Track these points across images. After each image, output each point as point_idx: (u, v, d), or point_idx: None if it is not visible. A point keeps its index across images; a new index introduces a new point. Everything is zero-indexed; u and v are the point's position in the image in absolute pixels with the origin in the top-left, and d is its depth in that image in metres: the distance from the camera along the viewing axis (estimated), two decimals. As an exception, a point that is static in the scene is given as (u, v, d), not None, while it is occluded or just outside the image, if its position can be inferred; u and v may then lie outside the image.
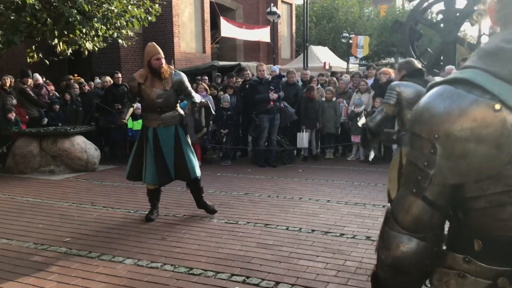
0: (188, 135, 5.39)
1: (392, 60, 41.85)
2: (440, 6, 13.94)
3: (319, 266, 3.88)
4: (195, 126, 5.92)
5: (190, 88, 5.36)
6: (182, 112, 5.37)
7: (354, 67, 26.21)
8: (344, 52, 29.49)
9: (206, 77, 12.07)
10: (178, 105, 5.37)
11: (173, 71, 5.20)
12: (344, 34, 27.46)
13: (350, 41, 26.51)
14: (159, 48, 5.08)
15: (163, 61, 5.04)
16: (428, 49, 16.53)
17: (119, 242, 4.60)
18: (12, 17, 8.48)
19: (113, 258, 4.17)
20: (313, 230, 4.84)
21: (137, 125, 9.25)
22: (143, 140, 5.19)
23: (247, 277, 3.67)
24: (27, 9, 8.28)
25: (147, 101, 5.20)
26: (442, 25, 13.98)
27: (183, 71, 14.32)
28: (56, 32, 8.98)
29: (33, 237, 4.80)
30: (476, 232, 1.13)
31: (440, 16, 14.34)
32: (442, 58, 13.56)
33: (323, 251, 4.24)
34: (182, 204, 6.02)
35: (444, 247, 1.22)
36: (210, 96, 9.57)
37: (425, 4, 14.19)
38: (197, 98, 5.45)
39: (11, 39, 8.67)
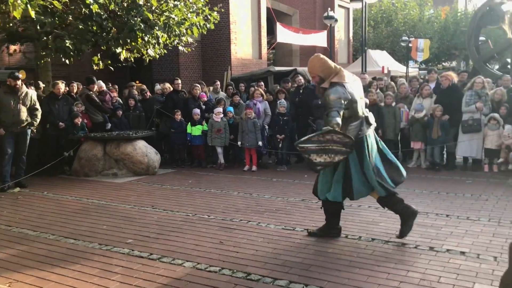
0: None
1: (454, 63, 40.30)
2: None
3: (380, 276, 3.76)
4: None
5: (328, 109, 4.42)
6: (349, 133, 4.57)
7: (413, 71, 25.46)
8: (403, 56, 28.74)
9: (262, 83, 12.13)
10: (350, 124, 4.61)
11: (326, 88, 4.52)
12: (404, 38, 26.76)
13: (410, 45, 25.78)
14: (311, 65, 4.66)
15: (315, 79, 4.68)
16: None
17: (178, 245, 4.69)
18: (80, 26, 8.90)
19: (173, 260, 4.25)
20: (373, 239, 4.71)
21: (196, 130, 9.45)
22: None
23: (306, 285, 3.62)
24: (94, 18, 8.67)
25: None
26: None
27: (239, 77, 14.51)
28: (120, 40, 9.35)
29: (98, 237, 4.98)
30: None
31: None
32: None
33: (384, 260, 4.11)
34: (239, 209, 6.05)
35: None
36: (266, 102, 9.62)
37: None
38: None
39: (80, 48, 9.12)
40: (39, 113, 7.94)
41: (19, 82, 7.61)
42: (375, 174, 4.58)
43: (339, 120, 4.32)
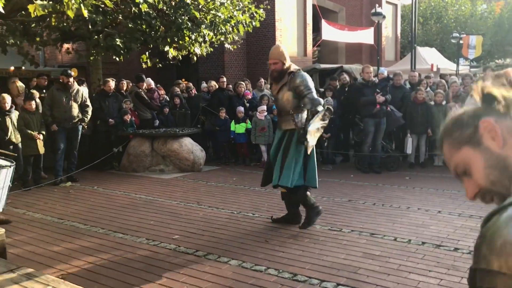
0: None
1: (508, 60, 38.58)
2: None
3: (432, 282, 3.62)
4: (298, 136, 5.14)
5: (306, 92, 4.87)
6: (302, 120, 4.97)
7: (464, 69, 24.52)
8: (453, 53, 27.73)
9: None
10: (301, 110, 4.99)
11: (292, 74, 4.93)
12: (454, 34, 25.80)
13: (461, 42, 24.83)
14: (276, 51, 4.99)
15: (277, 65, 4.94)
16: None
17: (224, 242, 4.70)
18: (130, 25, 9.11)
19: (219, 258, 4.26)
20: (423, 243, 4.55)
21: (240, 128, 9.47)
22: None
23: (354, 288, 3.54)
24: (143, 17, 8.84)
25: None
26: None
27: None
28: (168, 39, 9.49)
29: (145, 232, 5.07)
30: None
31: None
32: None
33: (435, 265, 3.95)
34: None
35: None
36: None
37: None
38: (310, 105, 4.88)
39: (129, 46, 9.33)
40: (90, 110, 8.18)
41: (71, 79, 7.86)
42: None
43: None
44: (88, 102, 8.21)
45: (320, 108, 4.87)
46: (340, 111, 9.35)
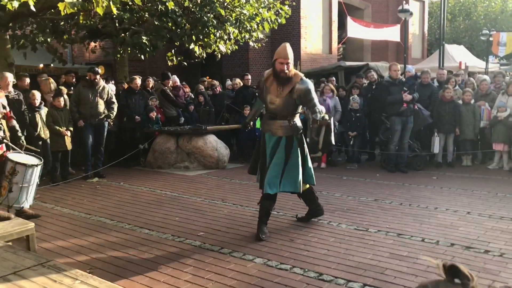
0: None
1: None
2: None
3: (462, 284, 3.53)
4: (310, 146, 5.01)
5: (315, 101, 4.80)
6: (299, 124, 4.89)
7: (493, 66, 23.95)
8: (482, 51, 27.14)
9: (333, 78, 11.91)
10: (297, 115, 4.90)
11: (300, 79, 4.71)
12: (484, 31, 25.21)
13: (490, 39, 24.25)
14: (290, 51, 4.63)
15: (288, 66, 4.62)
16: None
17: (248, 240, 4.69)
18: (156, 23, 9.19)
19: (244, 255, 4.25)
20: (452, 244, 4.45)
21: (265, 125, 9.43)
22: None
23: (381, 289, 3.48)
24: (169, 15, 8.90)
25: (264, 102, 4.97)
26: None
27: (308, 72, 14.36)
28: (193, 36, 9.53)
29: (170, 229, 5.10)
30: None
31: None
32: None
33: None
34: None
35: None
36: (337, 98, 9.40)
37: None
38: (319, 114, 4.78)
39: (155, 44, 9.42)
40: (115, 106, 8.28)
41: (98, 77, 7.97)
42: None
43: None
44: (114, 99, 8.31)
45: (327, 117, 4.81)
46: (367, 109, 9.24)
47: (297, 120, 4.90)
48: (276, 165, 4.80)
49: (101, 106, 8.03)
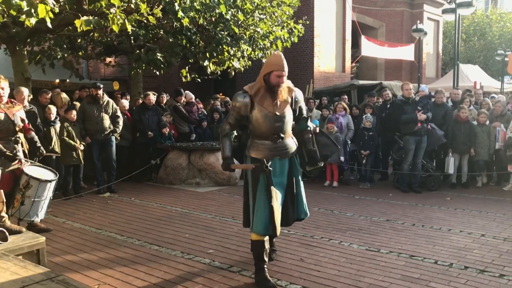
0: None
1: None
2: None
3: (476, 310, 3.45)
4: (308, 157, 4.47)
5: (306, 110, 4.51)
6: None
7: (509, 87, 23.77)
8: (497, 71, 26.95)
9: (346, 96, 11.89)
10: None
11: (295, 91, 4.31)
12: (499, 51, 25.09)
13: (506, 59, 24.10)
14: (285, 62, 4.08)
15: (284, 79, 4.12)
16: None
17: (258, 259, 4.63)
18: (170, 40, 9.29)
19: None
20: (466, 267, 4.35)
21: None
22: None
23: (392, 312, 3.40)
24: (184, 32, 9.00)
25: (253, 124, 4.23)
26: None
27: (322, 91, 14.33)
28: (207, 53, 9.62)
29: (180, 245, 5.08)
30: None
31: None
32: None
33: (480, 293, 3.77)
34: (320, 226, 5.90)
35: None
36: (349, 116, 9.37)
37: None
38: (310, 125, 4.43)
39: (169, 60, 9.52)
40: (120, 120, 8.32)
41: (100, 92, 8.03)
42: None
43: None
44: (119, 113, 8.34)
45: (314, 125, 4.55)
46: (380, 128, 9.18)
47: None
48: (302, 188, 4.33)
49: (106, 121, 8.07)
